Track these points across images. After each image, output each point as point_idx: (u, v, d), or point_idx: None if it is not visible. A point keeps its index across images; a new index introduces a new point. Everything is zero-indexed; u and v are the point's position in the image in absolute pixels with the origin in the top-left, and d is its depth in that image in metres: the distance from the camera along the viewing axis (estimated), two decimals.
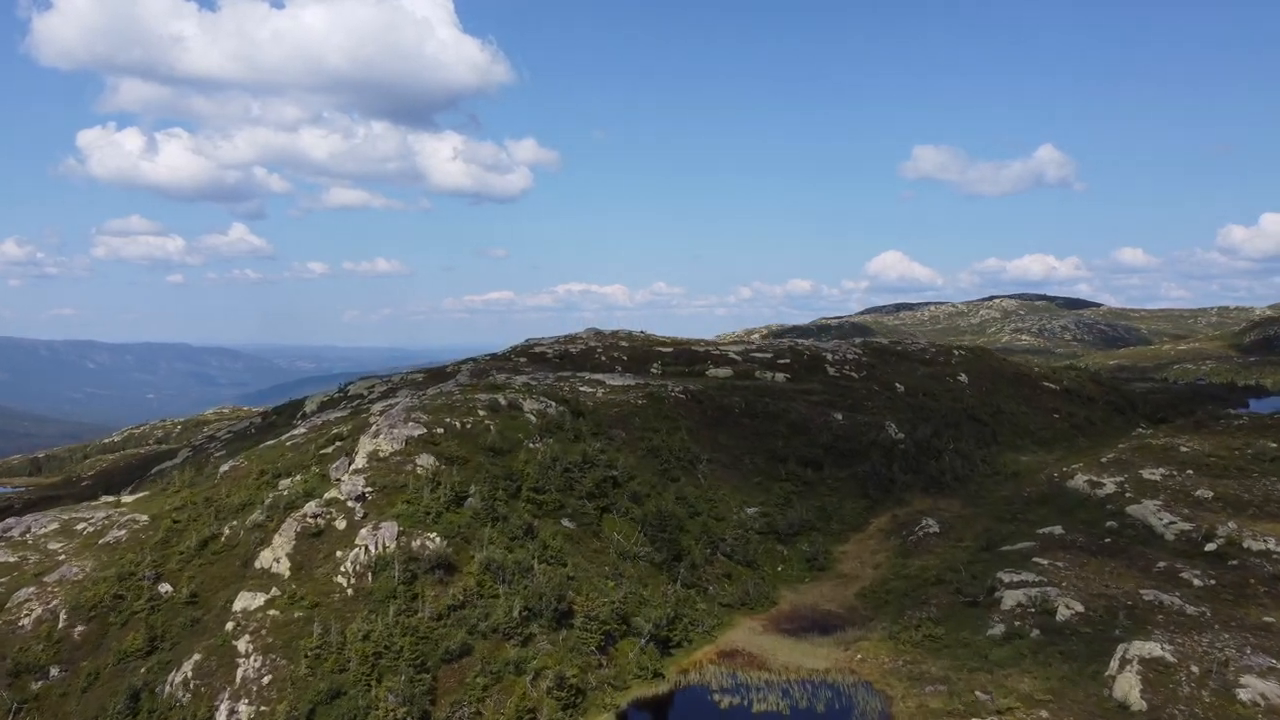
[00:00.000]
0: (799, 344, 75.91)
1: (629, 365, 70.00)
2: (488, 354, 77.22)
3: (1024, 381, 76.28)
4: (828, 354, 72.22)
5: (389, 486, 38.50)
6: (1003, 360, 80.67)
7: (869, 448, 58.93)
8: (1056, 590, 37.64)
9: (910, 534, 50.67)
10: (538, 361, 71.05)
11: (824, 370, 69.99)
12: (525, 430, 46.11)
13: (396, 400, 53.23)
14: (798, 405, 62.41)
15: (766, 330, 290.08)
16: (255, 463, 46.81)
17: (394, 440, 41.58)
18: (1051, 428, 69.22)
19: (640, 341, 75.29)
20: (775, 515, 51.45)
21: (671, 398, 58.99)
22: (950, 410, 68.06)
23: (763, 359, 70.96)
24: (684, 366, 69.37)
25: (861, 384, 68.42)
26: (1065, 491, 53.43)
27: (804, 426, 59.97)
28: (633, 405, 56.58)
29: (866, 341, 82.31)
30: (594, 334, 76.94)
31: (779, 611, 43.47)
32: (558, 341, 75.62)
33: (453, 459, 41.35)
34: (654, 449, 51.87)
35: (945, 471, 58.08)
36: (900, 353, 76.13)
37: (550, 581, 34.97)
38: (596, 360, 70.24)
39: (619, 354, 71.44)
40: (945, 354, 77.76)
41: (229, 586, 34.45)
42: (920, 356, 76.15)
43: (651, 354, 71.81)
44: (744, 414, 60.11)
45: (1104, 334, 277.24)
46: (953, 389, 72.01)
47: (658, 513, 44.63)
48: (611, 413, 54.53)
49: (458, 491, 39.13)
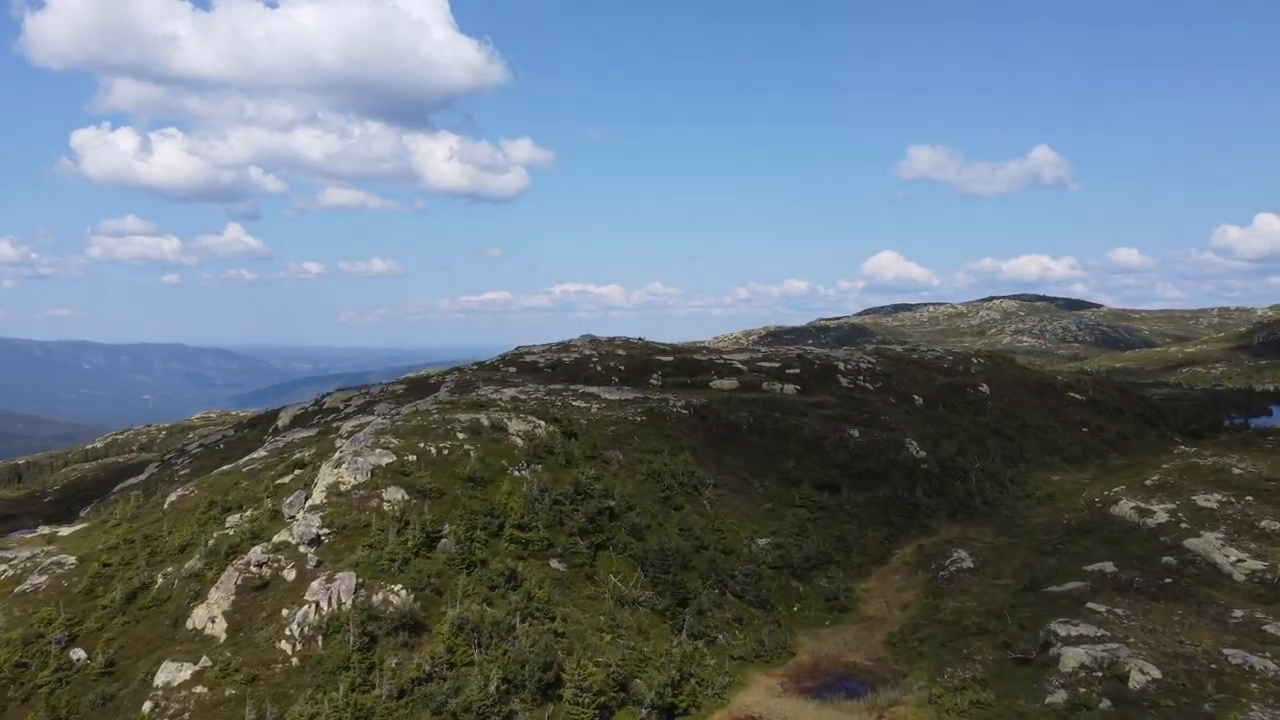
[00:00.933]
0: (808, 352, 70.46)
1: (626, 376, 64.49)
2: (475, 362, 71.65)
3: (1048, 392, 70.87)
4: (840, 363, 66.77)
5: (349, 527, 32.97)
6: (1024, 369, 75.27)
7: (889, 468, 53.47)
8: (1125, 649, 32.28)
9: (940, 569, 45.30)
10: (528, 372, 65.50)
11: (836, 381, 64.52)
12: (510, 456, 40.55)
13: (369, 419, 47.69)
14: (810, 420, 56.93)
15: (765, 330, 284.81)
16: (205, 492, 41.23)
17: (358, 470, 36.02)
18: (1081, 443, 63.80)
19: (638, 350, 69.79)
20: (789, 547, 46.00)
21: (673, 414, 53.47)
22: (973, 425, 62.62)
23: (770, 369, 65.49)
24: (685, 377, 63.86)
25: (877, 396, 62.96)
26: (1110, 520, 48.11)
27: (818, 445, 54.48)
28: (631, 423, 51.07)
29: (880, 349, 76.86)
30: (589, 341, 71.45)
31: (798, 665, 38.01)
32: (550, 349, 70.11)
33: (425, 492, 35.81)
34: (654, 473, 46.36)
35: (973, 494, 52.64)
36: (917, 361, 70.70)
37: (535, 643, 29.45)
38: (591, 371, 64.71)
39: (616, 364, 65.94)
40: (964, 362, 72.34)
41: (154, 652, 28.90)
42: (938, 365, 70.72)
43: (651, 364, 66.30)
44: (752, 431, 54.62)
45: (1105, 335, 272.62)
46: (974, 401, 66.58)
47: (659, 550, 39.12)
48: (607, 432, 49.01)
49: (429, 532, 33.61)
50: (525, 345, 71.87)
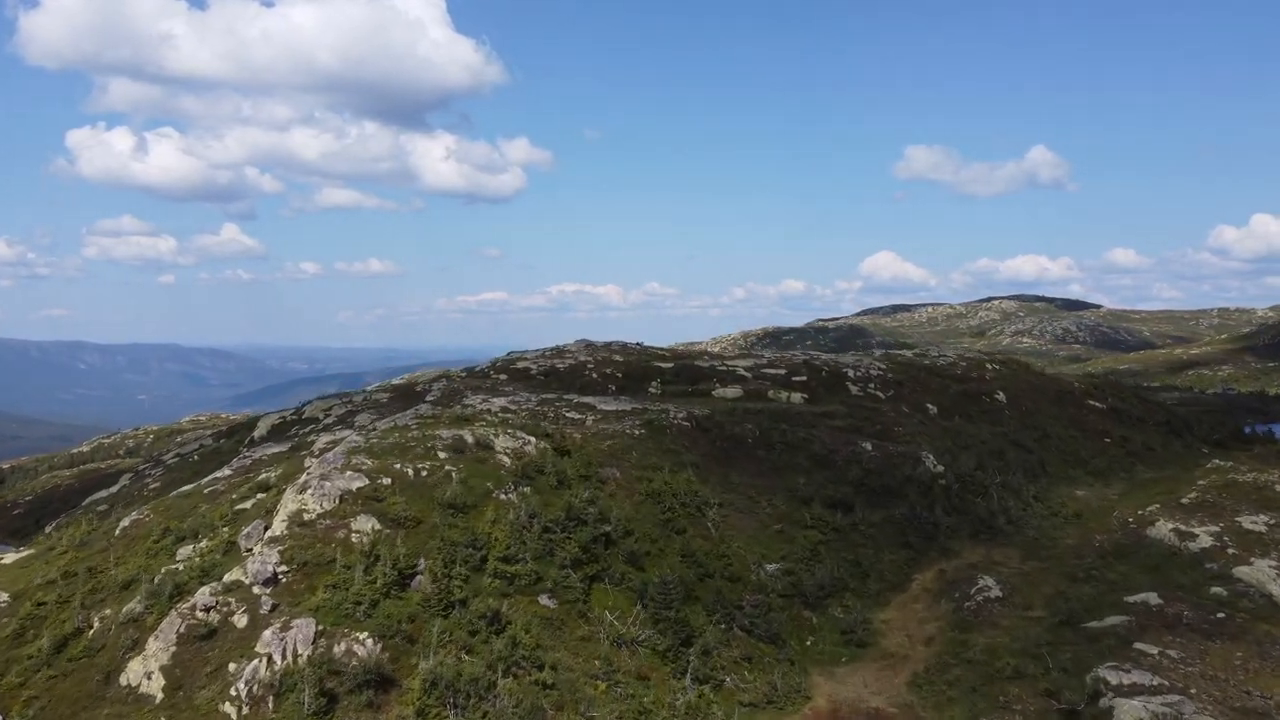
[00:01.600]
0: (815, 358, 66.61)
1: (624, 384, 60.58)
2: (465, 368, 67.68)
3: (1067, 400, 67.09)
4: (849, 370, 62.91)
5: (311, 563, 29.07)
6: (1041, 374, 71.49)
7: (905, 484, 49.63)
8: (1189, 702, 28.50)
9: (965, 598, 41.51)
10: (520, 379, 61.59)
11: (846, 389, 60.67)
12: (496, 477, 36.62)
13: (345, 433, 43.76)
14: (820, 433, 53.08)
15: (763, 331, 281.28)
16: (161, 517, 37.28)
17: (325, 496, 32.09)
18: (1104, 454, 60.02)
19: (636, 356, 65.89)
20: (801, 573, 42.15)
21: (674, 426, 49.59)
22: (991, 436, 58.82)
23: (776, 376, 61.62)
24: (686, 385, 59.96)
25: (889, 405, 59.12)
26: (1146, 543, 44.36)
27: (829, 459, 50.63)
28: (629, 437, 47.17)
29: (889, 354, 73.06)
30: (584, 346, 67.59)
31: (815, 712, 34.12)
32: (543, 355, 66.18)
33: (400, 521, 31.90)
34: (655, 493, 42.47)
35: (996, 513, 48.85)
36: (929, 368, 66.89)
37: (521, 702, 25.59)
38: (587, 378, 60.80)
39: (612, 370, 62.02)
40: (978, 369, 68.53)
41: (79, 715, 25.00)
42: (951, 372, 66.90)
43: (650, 371, 62.39)
44: (758, 445, 50.76)
45: (1106, 336, 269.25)
46: (990, 410, 62.79)
47: (661, 583, 35.25)
48: (603, 447, 45.11)
49: (402, 568, 29.71)
50: (517, 351, 67.97)
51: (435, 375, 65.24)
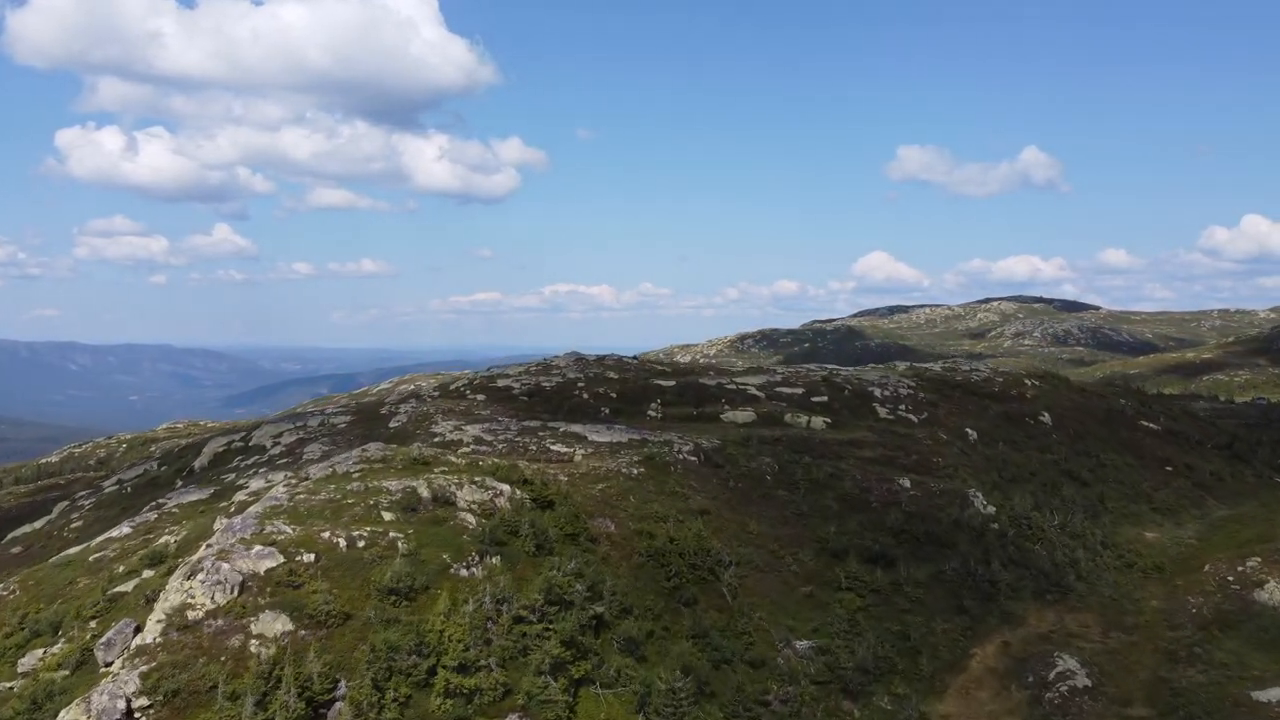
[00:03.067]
0: (835, 374, 58.29)
1: (619, 406, 52.22)
2: (438, 386, 59.07)
3: (1118, 420, 58.96)
4: (875, 389, 54.63)
5: (184, 692, 20.67)
6: (1084, 392, 63.37)
7: (953, 531, 41.39)
8: None
9: (1043, 684, 33.29)
10: (500, 400, 53.16)
11: (873, 411, 52.42)
12: (456, 546, 28.22)
13: (276, 479, 35.29)
14: (849, 467, 44.82)
15: (759, 333, 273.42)
16: (27, 594, 28.81)
17: (221, 584, 23.64)
18: (1168, 486, 51.90)
19: (633, 373, 57.47)
20: (839, 650, 33.87)
21: (679, 462, 41.25)
22: (1040, 466, 50.65)
23: (792, 396, 53.32)
24: (690, 407, 51.63)
25: (924, 431, 50.89)
26: (1256, 610, 36.20)
27: (862, 500, 42.37)
28: (625, 477, 38.80)
29: (915, 368, 64.77)
30: (574, 361, 59.17)
31: None
32: (528, 371, 57.71)
33: (320, 619, 23.51)
34: (658, 552, 34.12)
35: (1063, 565, 40.67)
36: (962, 385, 58.65)
37: None
38: (576, 399, 52.39)
39: (605, 390, 53.62)
40: (1017, 385, 60.32)
41: None
42: (987, 390, 58.70)
43: (648, 389, 54.01)
44: (779, 483, 42.46)
45: (1108, 338, 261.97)
46: (1036, 434, 54.62)
47: (667, 689, 26.90)
48: (595, 492, 36.74)
49: (315, 693, 21.35)
50: (499, 366, 59.50)
51: (405, 393, 56.78)
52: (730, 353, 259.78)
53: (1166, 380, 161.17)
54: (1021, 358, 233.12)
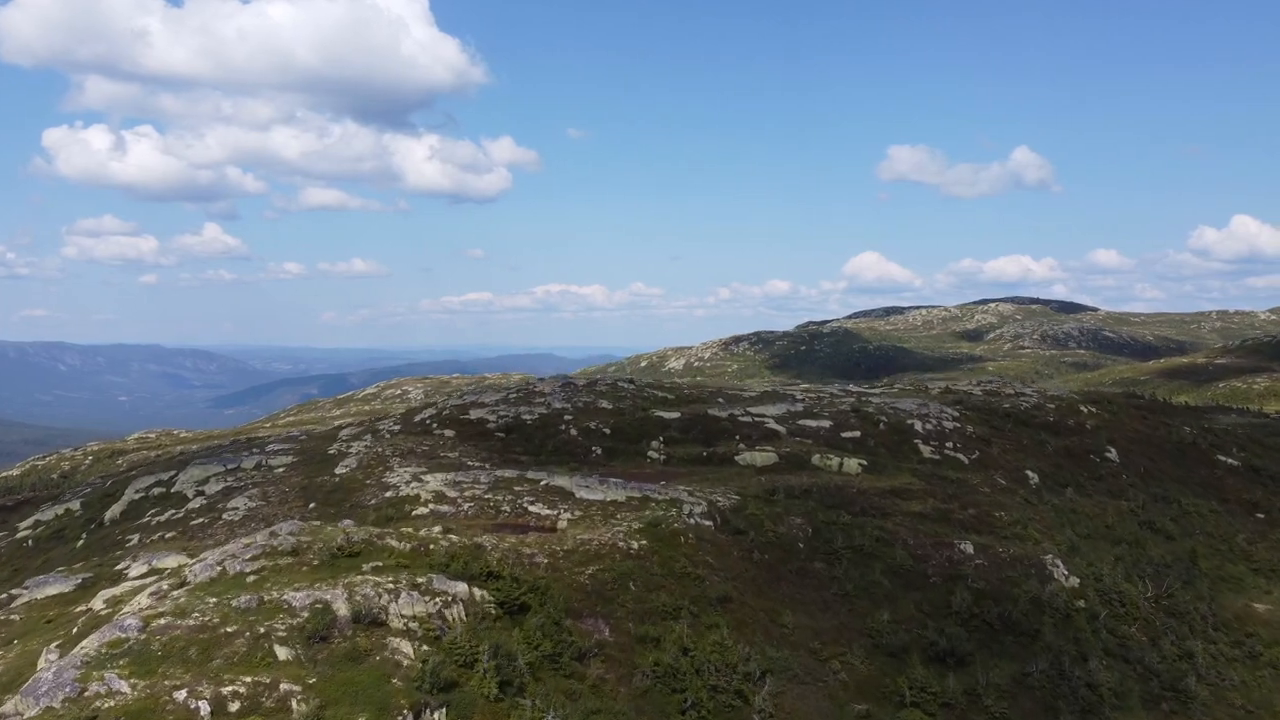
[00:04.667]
0: (866, 402, 49.40)
1: (613, 444, 43.27)
2: (399, 419, 49.88)
3: (1191, 455, 50.31)
4: (915, 421, 45.80)
5: None
6: (1146, 418, 54.68)
7: (1034, 613, 32.56)
8: None
9: None
10: (472, 438, 44.12)
11: (915, 449, 43.62)
12: (381, 699, 19.25)
13: (154, 570, 26.25)
14: (897, 526, 35.98)
15: (754, 336, 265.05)
16: None
17: None
18: (1264, 538, 43.31)
19: (629, 400, 48.42)
20: None
21: (690, 529, 32.30)
22: (1118, 517, 41.93)
23: (818, 430, 44.47)
24: (699, 446, 42.72)
25: (978, 474, 42.11)
26: None
27: (918, 573, 33.52)
28: (624, 554, 29.84)
29: (952, 392, 55.91)
30: (560, 386, 50.12)
31: None
32: (506, 400, 48.60)
33: None
34: (668, 671, 25.18)
35: (1171, 658, 32.06)
36: (1012, 415, 49.89)
37: None
38: (563, 436, 43.39)
39: (598, 424, 44.63)
40: (1072, 413, 51.59)
41: None
42: (1041, 420, 49.97)
43: (648, 423, 45.06)
44: (815, 551, 33.58)
45: (1109, 341, 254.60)
46: (1103, 474, 45.94)
47: None
48: (583, 580, 27.78)
49: None
50: (472, 395, 50.38)
51: (360, 429, 47.61)
52: (724, 355, 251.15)
53: (1179, 387, 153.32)
54: (1023, 360, 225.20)
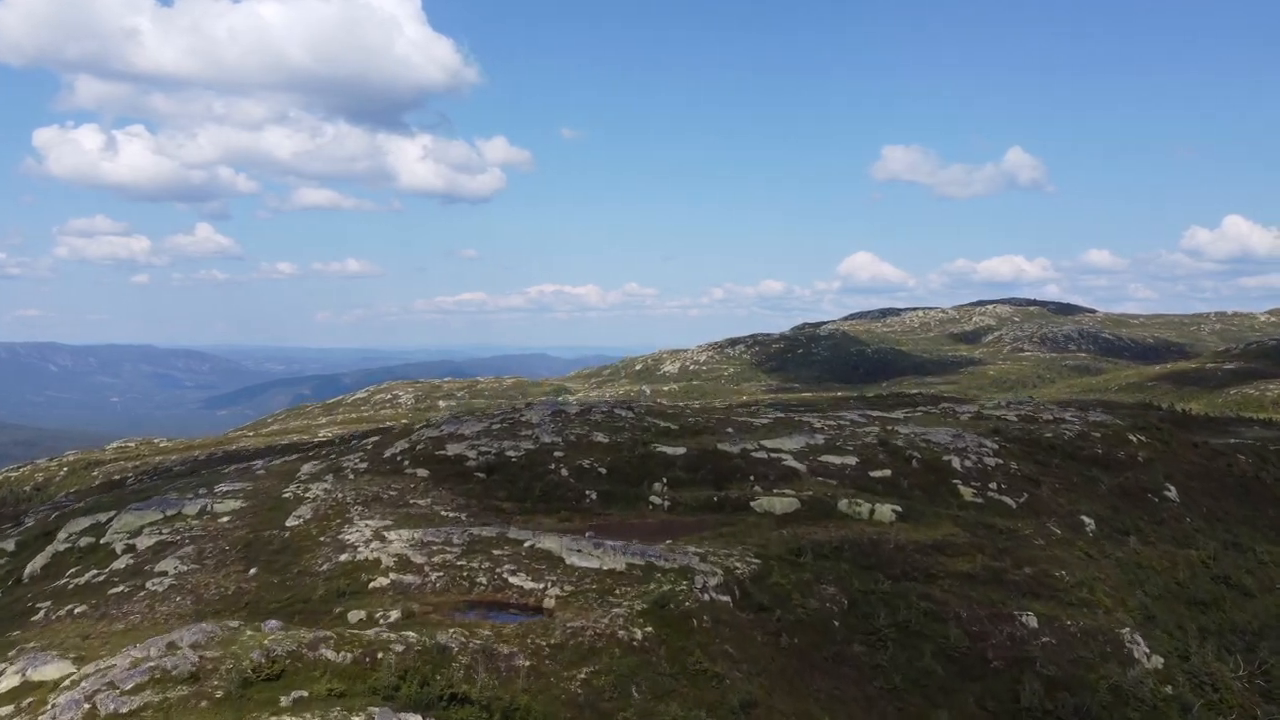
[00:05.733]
0: (893, 432, 43.71)
1: (610, 486, 37.50)
2: (367, 455, 44.00)
3: (1255, 490, 44.79)
4: (952, 457, 40.12)
5: None
6: (1197, 445, 49.15)
7: (1115, 705, 26.81)
8: None
9: None
10: (448, 479, 38.27)
11: (954, 491, 37.96)
12: None
13: (25, 680, 20.53)
14: (945, 593, 30.29)
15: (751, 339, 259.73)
16: None
17: None
18: None
19: (628, 433, 42.55)
20: None
21: (704, 606, 26.52)
22: (1189, 572, 36.24)
23: (843, 469, 38.77)
24: (709, 488, 36.99)
25: (1028, 520, 36.46)
26: None
27: (976, 656, 27.83)
28: (624, 647, 24.06)
29: (985, 417, 50.25)
30: (550, 415, 44.26)
31: None
32: (490, 430, 42.72)
33: None
34: None
35: None
36: (1057, 447, 44.26)
37: None
38: (552, 478, 37.58)
39: (592, 462, 38.83)
40: (1121, 444, 46.00)
41: None
42: (1088, 451, 44.37)
43: (649, 460, 39.28)
44: (852, 630, 27.85)
45: (1109, 343, 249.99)
46: (1164, 517, 40.37)
47: None
48: (574, 688, 22.00)
49: None
50: (451, 425, 44.36)
51: (322, 466, 41.68)
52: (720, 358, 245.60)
53: (1189, 394, 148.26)
54: (1023, 364, 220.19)
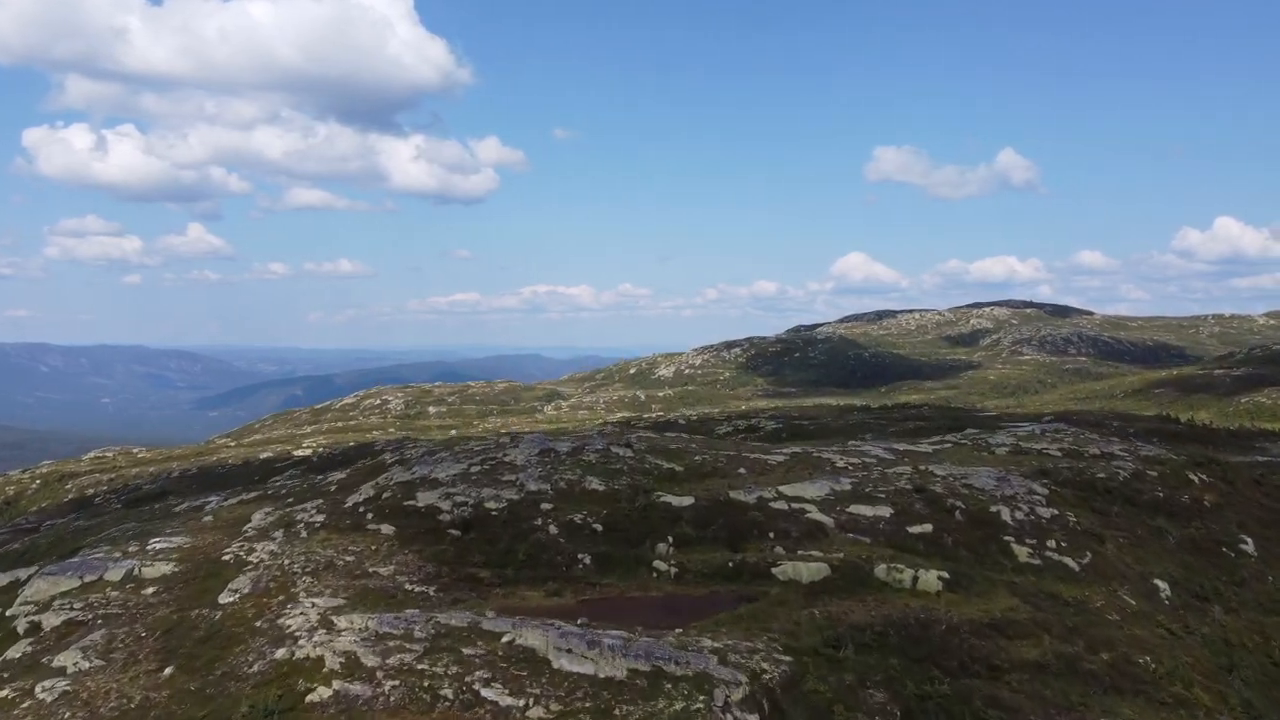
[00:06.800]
0: (929, 474, 38.12)
1: (607, 547, 31.85)
2: (323, 505, 38.20)
3: None
4: (1000, 507, 34.59)
5: None
6: (1260, 482, 43.81)
7: None
8: None
9: None
10: (417, 538, 32.55)
11: (1006, 549, 32.42)
12: None
13: None
14: (1014, 694, 24.67)
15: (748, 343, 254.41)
16: None
17: None
18: None
19: (626, 475, 36.85)
20: None
21: None
22: None
23: (875, 522, 33.20)
24: (722, 549, 31.36)
25: (1096, 588, 30.95)
26: None
27: None
28: None
29: (1021, 452, 44.58)
30: (537, 454, 38.50)
31: None
32: (468, 477, 36.92)
33: None
34: None
35: None
36: (1114, 491, 38.76)
37: None
38: (539, 535, 31.92)
39: (586, 515, 33.17)
40: (1181, 484, 40.57)
41: None
42: (1148, 494, 38.89)
43: (651, 514, 33.63)
44: None
45: (1108, 347, 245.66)
46: (1243, 576, 34.92)
47: None
48: None
49: None
50: (424, 466, 38.56)
51: (272, 519, 35.84)
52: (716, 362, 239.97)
53: (1198, 401, 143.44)
54: (1024, 368, 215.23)
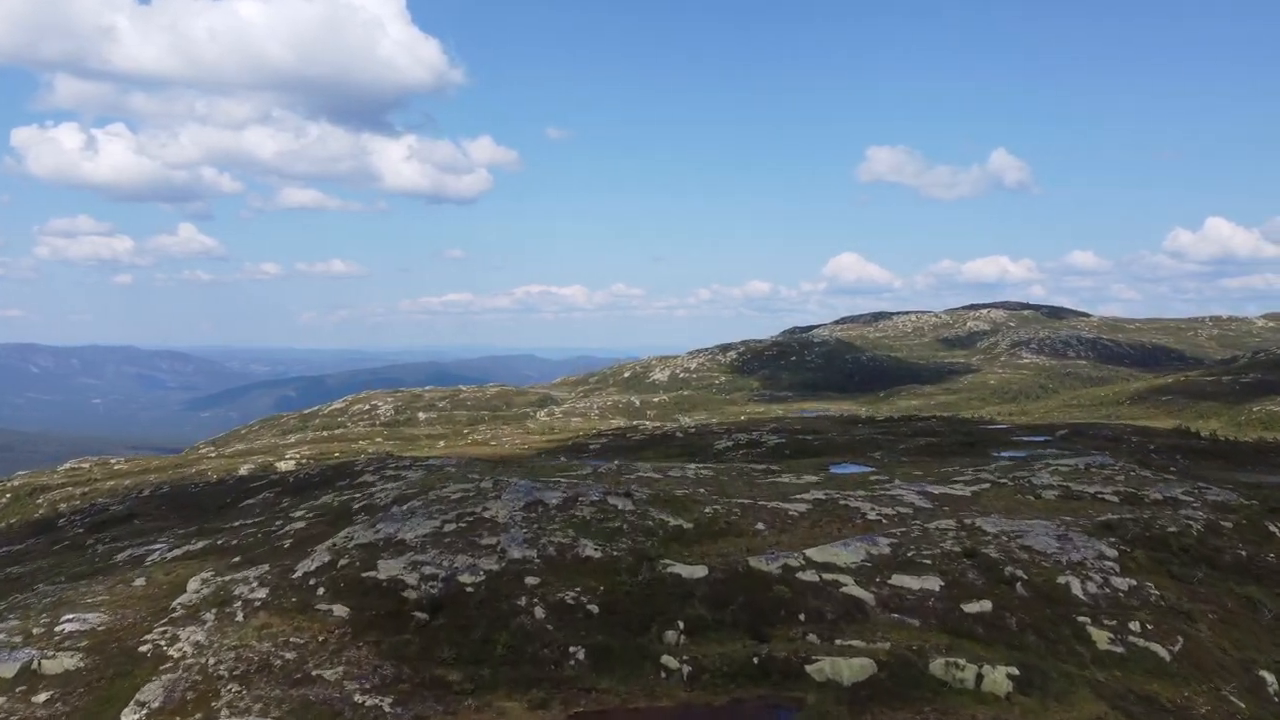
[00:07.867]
0: (979, 535, 32.63)
1: (605, 632, 26.32)
2: (278, 575, 32.58)
3: None
4: (1069, 578, 29.07)
5: None
6: None
7: None
8: None
9: None
10: (376, 625, 26.90)
11: (1081, 633, 26.93)
12: None
13: None
14: None
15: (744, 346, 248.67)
16: None
17: None
18: None
19: (626, 535, 31.27)
20: None
21: None
22: None
23: (923, 598, 27.67)
24: (745, 639, 25.84)
25: (1194, 684, 25.51)
26: None
27: None
28: None
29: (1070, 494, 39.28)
30: (524, 507, 32.86)
31: None
32: (439, 538, 31.25)
33: None
34: None
35: None
36: (1187, 549, 33.39)
37: None
38: (523, 619, 26.34)
39: (578, 594, 27.59)
40: (1262, 538, 35.13)
41: None
42: (1229, 555, 33.41)
43: (658, 589, 28.11)
44: None
45: (1108, 349, 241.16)
46: None
47: None
48: None
49: None
50: (392, 522, 32.82)
51: (208, 593, 30.14)
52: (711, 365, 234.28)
53: (1208, 409, 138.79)
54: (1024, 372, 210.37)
